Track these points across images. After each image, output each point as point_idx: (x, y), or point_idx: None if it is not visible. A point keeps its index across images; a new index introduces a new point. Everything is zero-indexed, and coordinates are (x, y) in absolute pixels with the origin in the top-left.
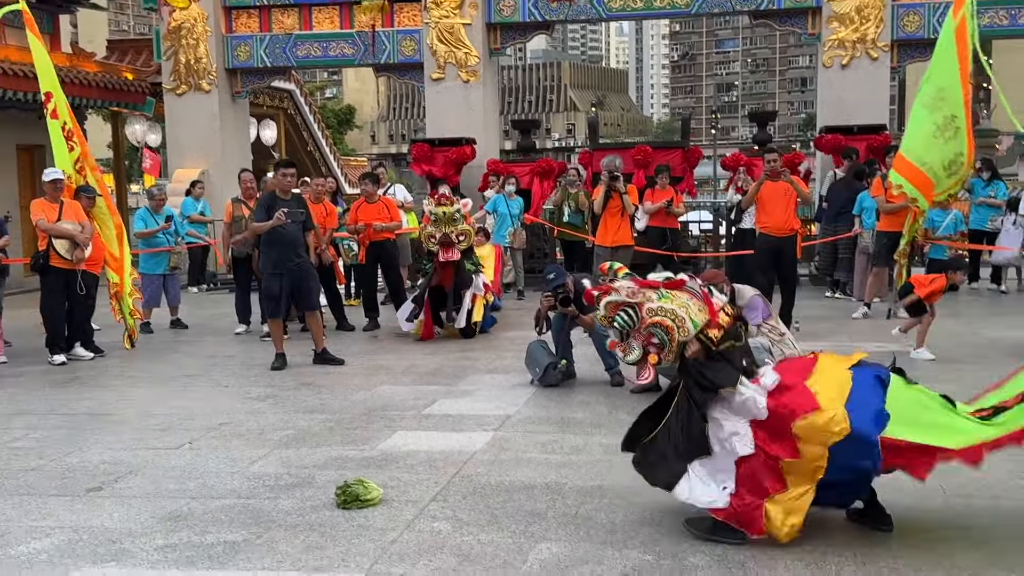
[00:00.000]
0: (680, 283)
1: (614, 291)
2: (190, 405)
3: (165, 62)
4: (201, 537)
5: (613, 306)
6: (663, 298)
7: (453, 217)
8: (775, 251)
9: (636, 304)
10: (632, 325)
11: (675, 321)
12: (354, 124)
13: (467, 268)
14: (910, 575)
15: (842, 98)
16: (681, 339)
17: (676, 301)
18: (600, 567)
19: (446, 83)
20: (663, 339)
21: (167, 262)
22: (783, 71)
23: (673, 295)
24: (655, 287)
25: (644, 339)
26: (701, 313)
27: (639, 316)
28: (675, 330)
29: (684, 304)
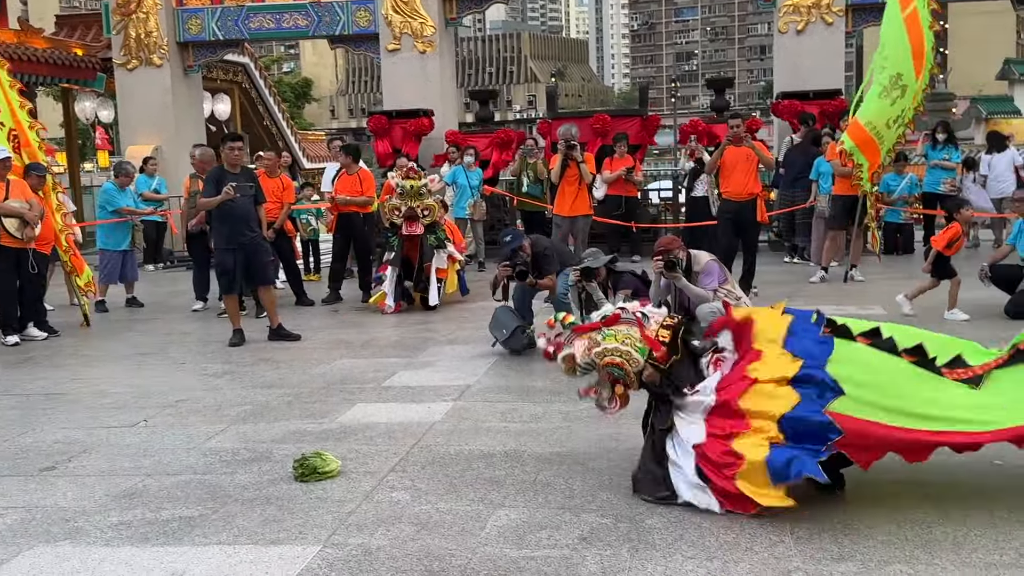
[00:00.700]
0: (615, 318)
1: (566, 346)
2: (146, 383)
3: (115, 37)
4: (156, 513)
5: (570, 359)
6: (607, 338)
7: (419, 191)
8: (736, 215)
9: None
10: (591, 370)
11: (623, 357)
12: (312, 98)
13: (429, 242)
14: (862, 530)
15: (798, 64)
16: (635, 370)
17: (619, 336)
18: (558, 532)
19: (402, 54)
20: (620, 375)
21: (129, 239)
22: (742, 39)
23: (615, 331)
24: (596, 328)
25: (607, 378)
26: (642, 341)
27: (594, 363)
28: (627, 364)
29: (627, 335)
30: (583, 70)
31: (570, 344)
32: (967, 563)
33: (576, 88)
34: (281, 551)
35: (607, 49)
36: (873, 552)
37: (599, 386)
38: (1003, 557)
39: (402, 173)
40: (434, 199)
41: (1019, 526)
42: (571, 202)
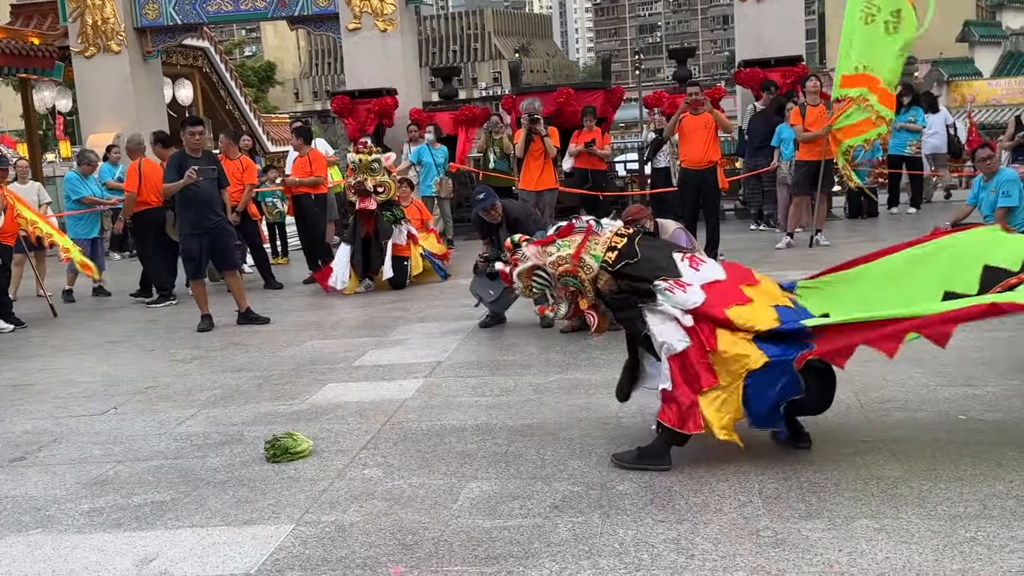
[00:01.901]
0: (569, 227)
1: (520, 261)
2: (114, 371)
3: (71, 24)
4: (128, 499)
5: (526, 274)
6: (560, 248)
7: (371, 166)
8: (696, 183)
9: (542, 264)
10: (549, 284)
11: (578, 264)
12: (275, 81)
13: (385, 218)
14: (829, 487)
15: (759, 32)
16: (589, 277)
17: (572, 246)
18: (530, 501)
19: (363, 33)
20: (576, 284)
21: (98, 227)
22: (705, 10)
23: (569, 240)
24: (551, 241)
25: (563, 291)
26: (598, 247)
27: (549, 273)
28: (580, 271)
29: (576, 243)
30: (547, 45)
31: (524, 259)
32: (932, 516)
33: (541, 64)
34: (254, 531)
35: (571, 24)
36: (840, 509)
37: (556, 302)
38: (967, 509)
39: (355, 149)
40: (392, 178)
41: (983, 479)
42: (537, 176)
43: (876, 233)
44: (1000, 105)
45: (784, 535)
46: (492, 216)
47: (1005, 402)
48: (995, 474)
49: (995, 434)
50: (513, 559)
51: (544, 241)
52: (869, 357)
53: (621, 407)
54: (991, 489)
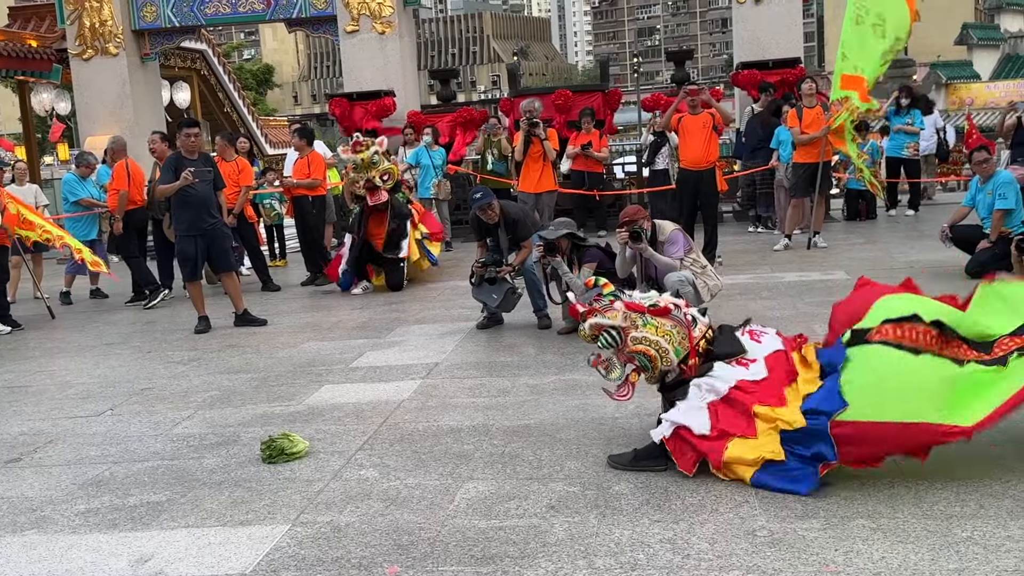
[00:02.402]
0: (666, 310)
1: (603, 311)
2: (111, 373)
3: (69, 27)
4: (123, 500)
5: (598, 327)
6: (647, 325)
7: (372, 160)
8: (695, 184)
9: (621, 328)
10: (616, 346)
11: (659, 351)
12: (273, 83)
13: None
14: (825, 487)
15: (757, 34)
16: (663, 368)
17: (660, 330)
18: (526, 502)
19: (361, 35)
20: (645, 365)
21: (96, 229)
22: (704, 13)
23: (658, 322)
24: (640, 311)
25: (625, 359)
26: (684, 341)
27: (623, 340)
28: (658, 359)
29: (668, 332)
30: (546, 48)
31: (605, 314)
32: (928, 515)
33: (539, 67)
34: (250, 531)
35: (569, 27)
36: (836, 508)
37: (609, 363)
38: (964, 509)
39: (350, 149)
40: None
41: (979, 479)
42: (536, 178)
43: (875, 235)
44: (998, 108)
45: (780, 535)
46: (489, 216)
47: None
48: (991, 474)
49: (991, 434)
50: (509, 559)
51: (635, 307)
52: None
53: (618, 408)
54: (987, 489)
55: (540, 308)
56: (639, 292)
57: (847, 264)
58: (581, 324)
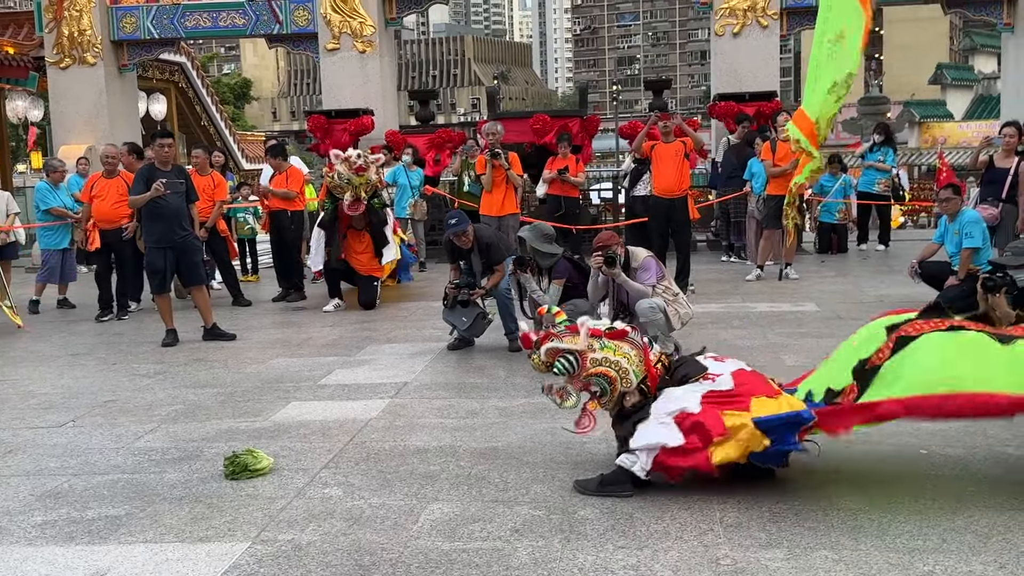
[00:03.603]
0: (623, 333)
1: (555, 338)
2: (75, 384)
3: (47, 35)
4: (82, 513)
5: (553, 352)
6: (605, 348)
7: (365, 183)
8: (667, 212)
9: (579, 352)
10: (572, 372)
11: (619, 372)
12: (251, 98)
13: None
14: (790, 517)
15: (734, 66)
16: (622, 390)
17: (619, 352)
18: (490, 524)
19: (341, 53)
20: (604, 388)
21: (68, 238)
22: (683, 44)
23: (616, 345)
24: (598, 335)
25: (582, 386)
26: (642, 364)
27: (580, 364)
28: (617, 381)
29: (626, 355)
30: (527, 73)
31: (560, 339)
32: (891, 548)
33: (520, 91)
34: (209, 548)
35: (550, 53)
36: (800, 539)
37: (564, 391)
38: (926, 543)
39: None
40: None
41: (942, 513)
42: (500, 201)
43: (845, 268)
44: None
45: (743, 564)
46: (463, 242)
47: (966, 438)
48: (954, 508)
49: (955, 469)
50: None
51: (593, 331)
52: None
53: None
54: (950, 523)
55: (511, 331)
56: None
57: (818, 296)
58: (535, 352)
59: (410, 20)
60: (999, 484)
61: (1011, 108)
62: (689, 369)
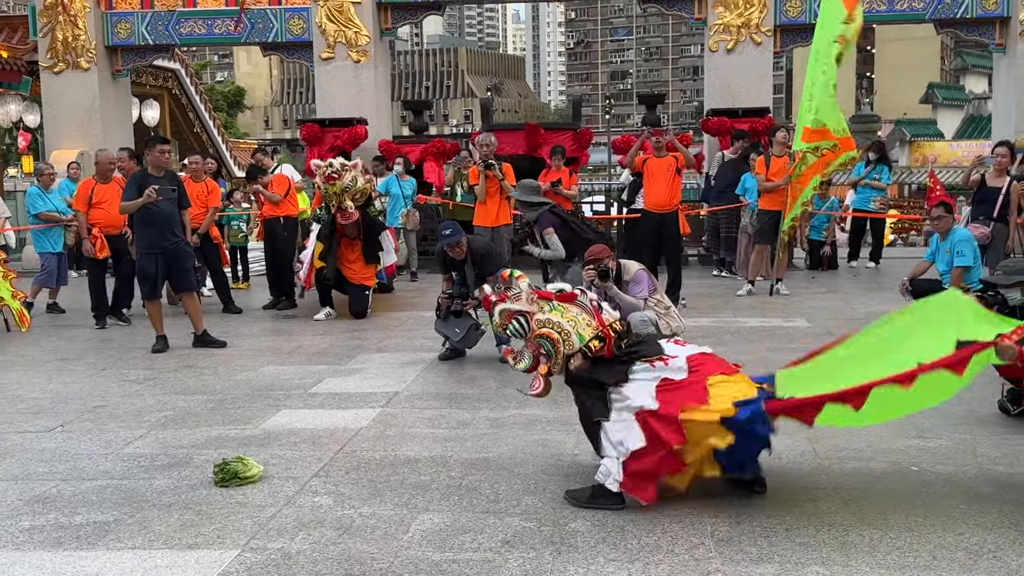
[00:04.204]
0: (572, 296)
1: (510, 299)
2: (64, 389)
3: (41, 39)
4: (70, 518)
5: (508, 314)
6: (553, 310)
7: (345, 187)
8: (657, 227)
9: (528, 313)
10: (524, 333)
11: (561, 334)
12: (244, 106)
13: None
14: (781, 532)
15: (728, 82)
16: (566, 352)
17: (566, 315)
18: (481, 536)
19: (336, 62)
20: (549, 350)
21: (63, 240)
22: (676, 59)
23: (564, 308)
24: (547, 298)
25: (533, 348)
26: (589, 328)
27: (530, 326)
28: (560, 343)
29: (573, 318)
30: (520, 86)
31: (515, 300)
32: (882, 565)
33: (512, 104)
34: (198, 555)
35: (543, 66)
36: (791, 554)
37: (521, 353)
38: (917, 559)
39: (322, 176)
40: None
41: (932, 530)
42: (494, 213)
43: (836, 285)
44: (961, 167)
45: None
46: (457, 252)
47: (957, 455)
48: (945, 525)
49: (946, 486)
50: None
51: (543, 294)
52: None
53: (577, 444)
54: (940, 540)
55: (503, 341)
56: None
57: (808, 312)
58: (494, 313)
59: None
60: (989, 502)
61: (1002, 128)
62: (646, 349)
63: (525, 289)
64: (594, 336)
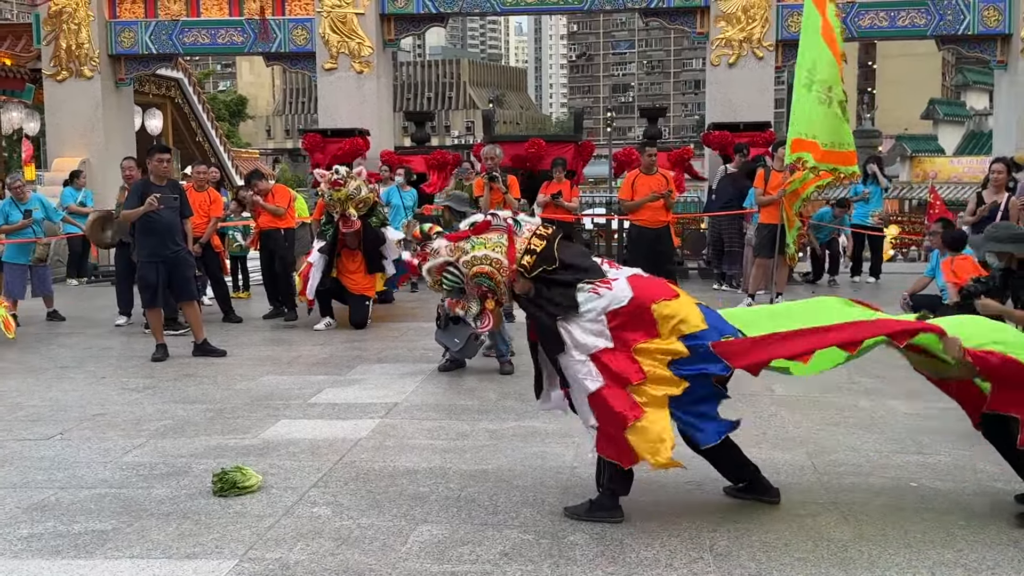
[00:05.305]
0: (486, 224)
1: (431, 255)
2: (63, 396)
3: (45, 47)
4: (68, 527)
5: (437, 269)
6: (476, 246)
7: (349, 195)
8: (650, 243)
9: (455, 261)
10: (460, 282)
11: (493, 265)
12: (246, 115)
13: (372, 223)
14: (780, 547)
15: (729, 96)
16: (505, 279)
17: (489, 244)
18: (479, 548)
19: (339, 73)
20: (490, 285)
21: (31, 252)
22: (677, 73)
23: (484, 239)
24: (464, 237)
25: (476, 290)
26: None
27: (461, 272)
28: (496, 273)
29: (496, 243)
30: (521, 98)
31: (436, 254)
32: None
33: (514, 115)
34: (196, 565)
35: (545, 79)
36: (790, 569)
37: (467, 300)
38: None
39: (327, 183)
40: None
41: (931, 546)
42: None
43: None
44: (961, 183)
45: None
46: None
47: (956, 472)
48: (944, 542)
49: (945, 502)
50: None
51: (457, 236)
52: (824, 421)
53: (576, 457)
54: (939, 556)
55: (503, 354)
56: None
57: None
58: (423, 275)
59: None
60: (988, 519)
61: (1003, 144)
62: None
63: (436, 243)
64: (525, 251)
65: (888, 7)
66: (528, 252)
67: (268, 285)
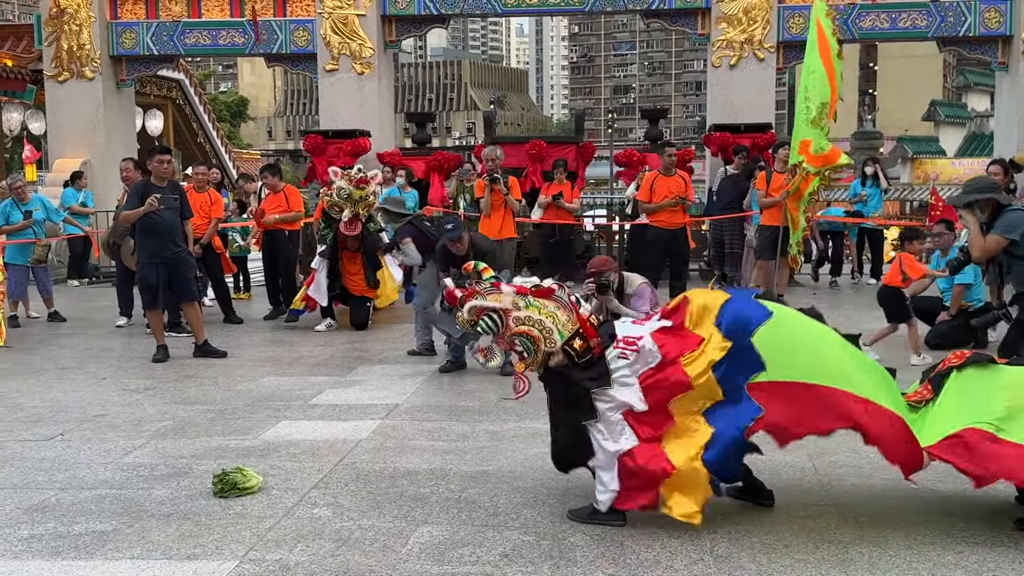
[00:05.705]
0: (549, 291)
1: (479, 295)
2: (64, 397)
3: (46, 48)
4: (68, 527)
5: (478, 311)
6: (530, 306)
7: (365, 196)
8: (668, 243)
9: (502, 310)
10: (496, 331)
11: (542, 332)
12: (247, 116)
13: (371, 229)
14: (780, 549)
15: (730, 97)
16: (547, 349)
17: (544, 311)
18: (480, 549)
19: (340, 74)
20: (529, 348)
21: (30, 253)
22: (678, 74)
23: (541, 304)
24: (524, 293)
25: (507, 346)
26: (569, 324)
27: (504, 323)
28: (541, 340)
29: (551, 314)
30: (522, 99)
31: (487, 297)
32: None
33: (515, 117)
34: (196, 566)
35: (546, 80)
36: (790, 571)
37: (489, 351)
38: None
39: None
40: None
41: (932, 548)
42: (498, 226)
43: (837, 301)
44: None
45: None
46: (458, 248)
47: (956, 474)
48: (944, 544)
49: (945, 505)
50: None
51: (519, 289)
52: None
53: None
54: (940, 558)
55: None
56: (519, 278)
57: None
58: (459, 309)
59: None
60: (989, 521)
61: (1004, 146)
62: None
63: (503, 287)
64: (575, 333)
65: (889, 9)
66: (579, 335)
67: (270, 285)
